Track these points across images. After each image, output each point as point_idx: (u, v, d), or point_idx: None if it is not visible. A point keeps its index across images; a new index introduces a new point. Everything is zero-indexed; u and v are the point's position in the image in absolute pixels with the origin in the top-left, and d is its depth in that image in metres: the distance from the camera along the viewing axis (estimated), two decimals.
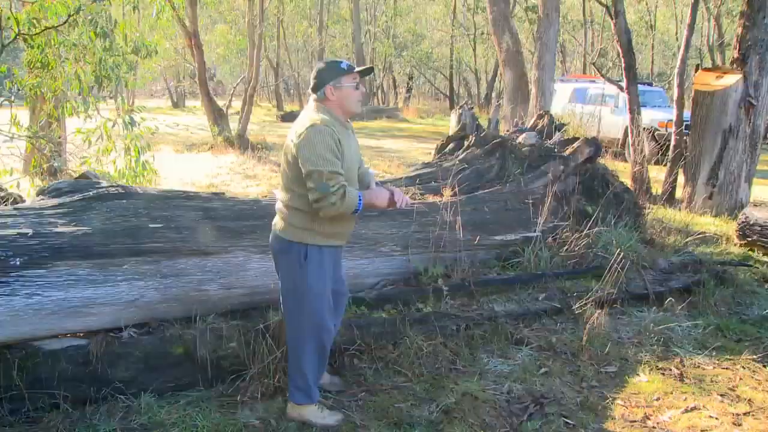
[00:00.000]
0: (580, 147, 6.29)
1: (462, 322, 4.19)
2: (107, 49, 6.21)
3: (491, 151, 6.33)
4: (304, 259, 2.99)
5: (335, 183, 2.82)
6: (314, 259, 3.01)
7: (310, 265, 3.00)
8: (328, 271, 3.08)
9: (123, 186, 3.90)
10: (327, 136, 2.86)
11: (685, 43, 9.65)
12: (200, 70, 15.88)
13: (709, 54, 24.71)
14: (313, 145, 2.84)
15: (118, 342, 3.37)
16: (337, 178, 2.83)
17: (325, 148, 2.84)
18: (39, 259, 3.18)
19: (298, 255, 3.00)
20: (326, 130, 2.87)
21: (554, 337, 4.20)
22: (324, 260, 3.04)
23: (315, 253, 3.01)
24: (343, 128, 3.02)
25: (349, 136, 3.09)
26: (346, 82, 3.01)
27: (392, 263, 4.73)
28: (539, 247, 5.34)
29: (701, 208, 8.32)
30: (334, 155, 2.86)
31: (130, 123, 5.90)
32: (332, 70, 3.02)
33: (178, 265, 3.63)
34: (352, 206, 2.88)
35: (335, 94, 3.00)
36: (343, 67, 3.02)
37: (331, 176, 2.82)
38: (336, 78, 2.99)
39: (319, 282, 3.04)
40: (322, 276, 3.04)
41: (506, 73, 13.78)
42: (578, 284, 5.04)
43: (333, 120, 2.96)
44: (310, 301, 3.04)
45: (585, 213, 5.86)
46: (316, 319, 3.07)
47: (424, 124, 24.86)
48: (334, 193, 2.81)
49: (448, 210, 5.03)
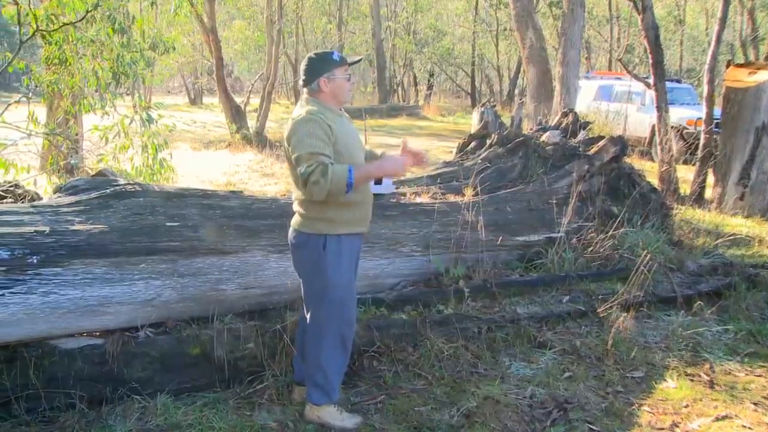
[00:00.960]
0: (605, 146, 6.24)
1: (483, 325, 4.17)
2: (125, 45, 6.28)
3: (514, 149, 6.30)
4: (323, 249, 3.00)
5: (312, 161, 2.80)
6: (332, 249, 3.01)
7: (328, 256, 3.00)
8: (348, 261, 3.08)
9: (140, 184, 3.93)
10: (312, 123, 2.89)
11: (716, 38, 9.51)
12: (218, 67, 15.97)
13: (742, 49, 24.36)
14: (298, 132, 2.90)
15: (134, 342, 3.40)
16: (314, 158, 2.81)
17: (307, 134, 2.87)
18: (56, 257, 3.20)
19: (317, 246, 3.01)
20: (312, 118, 2.91)
21: (578, 341, 4.16)
22: (343, 250, 3.04)
23: (333, 243, 3.01)
24: (335, 116, 3.05)
25: (344, 123, 3.12)
26: (339, 74, 3.06)
27: (412, 264, 4.72)
28: (563, 248, 5.30)
29: (732, 208, 8.20)
30: (318, 139, 2.86)
31: (147, 120, 5.95)
32: (325, 62, 3.06)
33: (195, 264, 3.65)
34: (340, 180, 2.80)
35: (329, 85, 3.05)
36: (335, 58, 3.07)
37: (309, 157, 2.82)
38: (329, 70, 3.04)
39: (339, 272, 3.03)
40: (341, 265, 3.04)
41: (529, 69, 13.69)
42: (603, 286, 4.99)
43: (323, 109, 3.00)
44: (330, 292, 3.03)
45: (610, 213, 5.81)
46: (337, 310, 3.07)
47: (444, 122, 24.79)
48: (312, 171, 2.78)
49: (469, 210, 5.01)
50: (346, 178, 2.81)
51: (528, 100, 13.73)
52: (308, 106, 3.02)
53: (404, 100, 33.79)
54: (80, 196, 3.66)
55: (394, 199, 5.07)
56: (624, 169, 6.41)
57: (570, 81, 12.60)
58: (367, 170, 2.99)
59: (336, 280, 3.03)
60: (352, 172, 2.84)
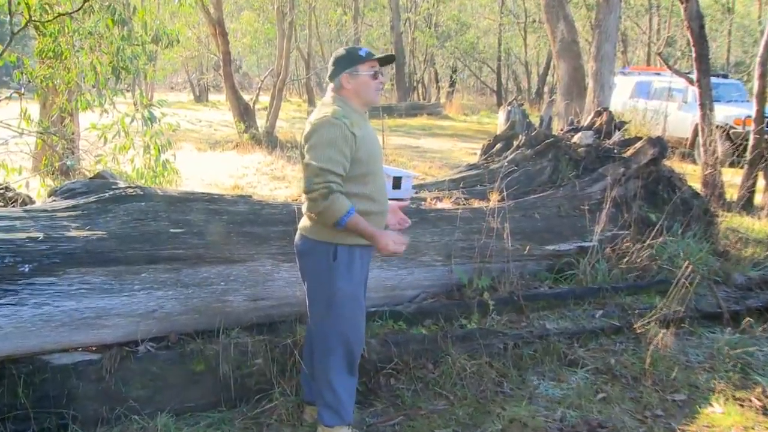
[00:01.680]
0: (643, 147, 6.20)
1: (510, 341, 4.16)
2: (125, 38, 6.31)
3: (543, 151, 6.28)
4: (333, 260, 3.00)
5: (321, 180, 2.84)
6: (343, 259, 3.01)
7: (340, 267, 3.00)
8: (358, 273, 3.08)
9: (141, 187, 3.96)
10: (337, 130, 2.89)
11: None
12: (225, 61, 16.08)
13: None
14: (319, 137, 2.91)
15: (133, 357, 3.41)
16: (325, 176, 2.84)
17: (328, 144, 2.87)
18: (49, 265, 3.22)
19: (326, 255, 3.01)
20: (338, 123, 2.91)
21: (613, 359, 4.13)
22: (354, 261, 3.04)
23: (344, 253, 3.01)
24: (361, 119, 3.07)
25: (368, 126, 3.13)
26: (363, 70, 3.06)
27: (433, 274, 4.72)
28: (596, 258, 5.28)
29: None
30: (338, 151, 2.87)
31: (149, 118, 5.97)
32: (349, 57, 3.07)
33: (200, 273, 3.66)
34: (336, 214, 2.85)
35: (351, 82, 3.05)
36: (361, 54, 3.07)
37: (320, 172, 2.84)
38: (352, 66, 3.05)
39: (350, 284, 3.03)
40: (352, 278, 3.04)
41: (560, 65, 13.63)
42: (640, 300, 4.98)
43: (349, 110, 3.01)
44: (339, 305, 3.04)
45: (648, 221, 5.77)
46: (345, 325, 3.07)
47: (468, 121, 24.77)
48: (316, 190, 2.83)
49: (495, 216, 5.00)
50: (342, 216, 2.86)
51: (558, 98, 13.66)
52: (334, 105, 3.02)
53: (425, 98, 33.78)
54: (77, 200, 3.69)
55: (413, 205, 5.07)
56: (663, 173, 6.37)
57: (604, 77, 12.52)
58: (364, 226, 2.94)
59: (346, 293, 3.03)
60: (350, 214, 2.87)
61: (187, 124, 19.18)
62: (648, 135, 7.03)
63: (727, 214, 7.39)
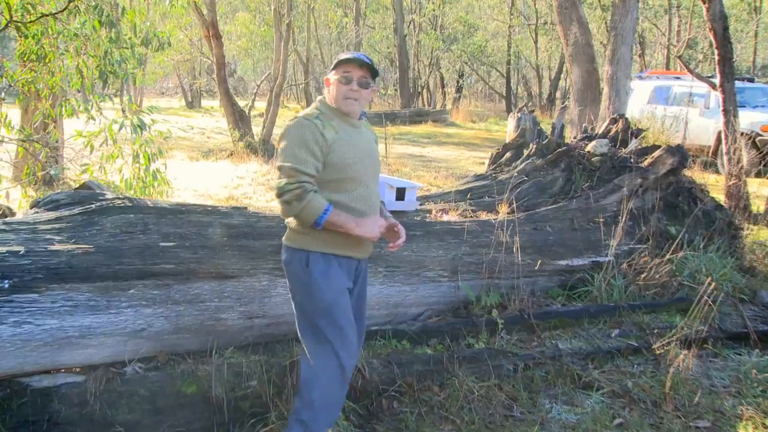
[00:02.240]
0: (661, 156, 6.21)
1: (520, 361, 4.16)
2: (114, 41, 6.32)
3: (555, 161, 6.30)
4: (306, 266, 3.02)
5: (293, 181, 2.89)
6: (318, 267, 3.03)
7: (314, 274, 3.02)
8: (338, 281, 3.07)
9: (130, 198, 3.97)
10: (306, 130, 2.98)
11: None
12: (219, 65, 16.15)
13: None
14: (287, 137, 3.00)
15: (120, 378, 3.41)
16: (297, 176, 2.90)
17: (298, 143, 2.95)
18: (31, 281, 3.23)
19: (300, 263, 3.04)
20: (307, 123, 3.00)
21: (630, 382, 4.12)
22: (331, 270, 3.05)
23: (319, 261, 3.03)
24: (343, 123, 3.11)
25: (357, 134, 3.16)
26: (335, 75, 3.12)
27: (439, 290, 4.72)
28: (612, 274, 5.27)
29: None
30: (307, 150, 2.94)
31: (139, 126, 5.98)
32: (334, 62, 3.16)
33: (192, 289, 3.67)
34: (312, 215, 2.90)
35: (330, 88, 3.15)
36: (342, 57, 3.14)
37: (292, 173, 2.90)
38: (333, 69, 3.14)
39: (329, 291, 3.03)
40: (330, 286, 3.04)
41: (573, 69, 13.67)
42: (659, 319, 4.97)
43: (329, 113, 3.10)
44: (320, 313, 3.03)
45: (667, 234, 5.77)
46: (332, 336, 3.04)
47: (476, 129, 24.83)
48: (289, 191, 2.88)
49: (504, 229, 5.01)
50: (319, 215, 2.91)
51: (571, 104, 13.69)
52: (314, 107, 3.14)
53: (430, 105, 33.85)
54: (61, 212, 3.70)
55: (418, 217, 5.08)
56: (683, 184, 6.37)
57: (620, 82, 12.55)
58: (345, 221, 2.98)
59: (328, 299, 3.03)
60: (328, 212, 2.92)
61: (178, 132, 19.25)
62: (667, 143, 7.03)
63: (753, 228, 7.36)
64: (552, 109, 27.41)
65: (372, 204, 3.17)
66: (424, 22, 32.64)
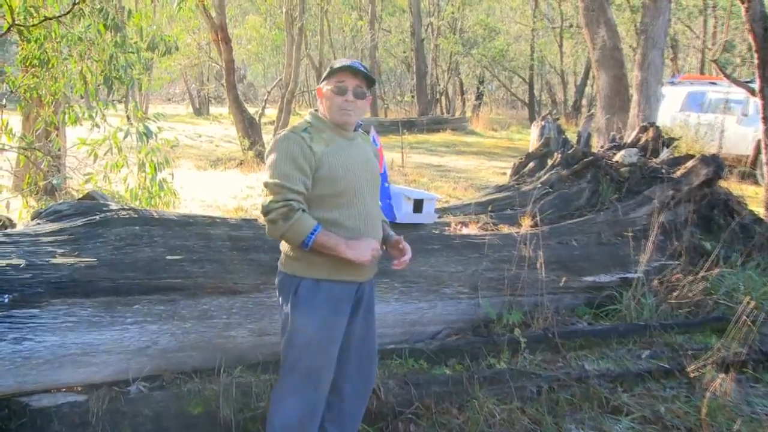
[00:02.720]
0: (695, 167, 6.18)
1: (544, 383, 4.13)
2: (119, 45, 6.37)
3: (581, 171, 6.28)
4: (294, 294, 2.99)
5: (279, 198, 2.86)
6: (304, 294, 2.98)
7: (298, 302, 2.98)
8: (325, 313, 3.00)
9: (135, 209, 4.00)
10: (293, 144, 2.95)
11: None
12: (228, 71, 16.25)
13: None
14: (273, 153, 2.97)
15: (124, 398, 3.43)
16: (283, 194, 2.87)
17: (284, 158, 2.92)
18: (32, 296, 3.25)
19: (290, 290, 3.01)
20: (294, 137, 2.97)
21: (663, 407, 4.09)
22: (318, 298, 2.98)
23: (308, 289, 2.98)
24: (336, 135, 3.07)
25: (351, 147, 3.11)
26: (327, 85, 3.09)
27: (458, 308, 4.72)
28: (642, 291, 5.25)
29: None
30: (294, 166, 2.91)
31: (145, 133, 6.01)
32: (328, 70, 3.13)
33: (199, 305, 3.69)
34: (299, 235, 2.87)
35: (323, 99, 3.12)
36: (336, 65, 3.10)
37: (278, 190, 2.87)
38: (325, 78, 3.11)
39: (311, 324, 2.97)
40: (313, 317, 2.97)
41: (601, 74, 13.65)
42: (693, 340, 4.93)
43: (319, 125, 3.07)
44: (297, 347, 3.00)
45: (702, 250, 5.74)
46: (302, 372, 3.00)
47: (497, 137, 24.81)
48: (275, 210, 2.85)
49: (527, 244, 5.00)
50: (306, 236, 2.86)
51: (598, 111, 13.66)
52: (305, 119, 3.13)
53: (448, 112, 33.91)
54: (63, 223, 3.73)
55: (436, 230, 5.08)
56: (719, 196, 6.34)
57: (651, 88, 12.51)
58: (335, 243, 2.91)
59: (307, 335, 2.97)
60: (316, 233, 2.87)
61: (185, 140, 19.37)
62: (701, 152, 7.00)
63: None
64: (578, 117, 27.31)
65: (370, 221, 3.09)
66: (443, 26, 32.70)
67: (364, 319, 3.20)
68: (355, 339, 3.15)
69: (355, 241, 2.96)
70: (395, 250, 3.23)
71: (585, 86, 31.65)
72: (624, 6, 24.91)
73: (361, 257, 2.95)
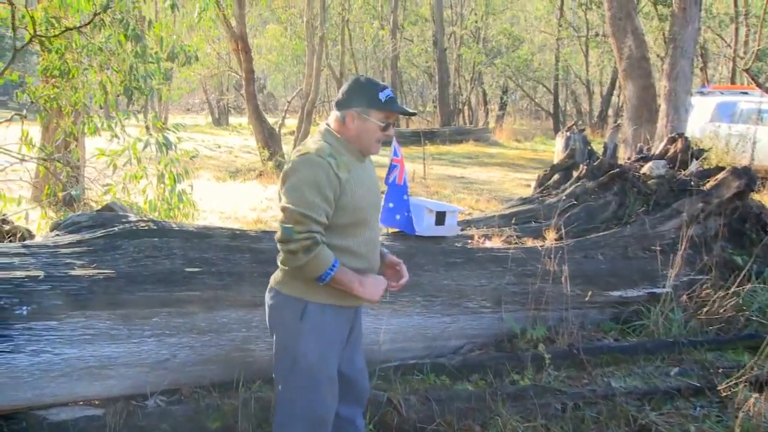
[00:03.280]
0: (726, 179, 6.14)
1: (569, 400, 4.11)
2: (139, 55, 6.43)
3: (607, 184, 6.26)
4: (300, 319, 2.93)
5: (303, 229, 2.77)
6: (312, 319, 2.93)
7: (306, 327, 2.93)
8: (331, 338, 2.99)
9: (155, 221, 4.03)
10: (320, 170, 2.82)
11: None
12: (247, 80, 16.35)
13: None
14: (297, 176, 2.85)
15: (141, 412, 3.45)
16: (307, 225, 2.78)
17: (309, 184, 2.80)
18: (50, 308, 3.28)
19: (294, 312, 2.94)
20: (321, 162, 2.84)
21: (693, 426, 4.05)
22: (326, 323, 2.96)
23: (315, 313, 2.93)
24: (354, 160, 2.98)
25: (364, 170, 3.05)
26: (375, 118, 2.97)
27: (481, 322, 4.71)
28: (670, 306, 5.21)
29: None
30: (319, 194, 2.80)
31: (164, 144, 6.06)
32: (367, 94, 2.98)
33: (218, 318, 3.71)
34: (318, 270, 2.81)
35: (355, 123, 2.97)
36: (381, 98, 2.97)
37: (301, 219, 2.77)
38: (365, 107, 2.97)
39: (317, 349, 2.94)
40: (321, 343, 2.95)
41: (628, 84, 13.61)
42: (724, 357, 4.89)
43: (340, 149, 2.94)
44: (301, 373, 2.95)
45: (733, 264, 5.70)
46: (309, 397, 2.96)
47: (521, 148, 24.80)
48: (297, 240, 2.76)
49: (551, 257, 4.99)
50: (324, 271, 2.81)
51: (625, 122, 13.61)
52: (324, 141, 2.97)
53: (471, 122, 33.91)
54: (82, 235, 3.76)
55: (459, 243, 5.08)
56: (751, 209, 6.28)
57: (679, 98, 12.46)
58: (350, 280, 2.89)
59: (314, 359, 2.94)
60: (335, 269, 2.82)
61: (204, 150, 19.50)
62: (732, 164, 6.95)
63: None
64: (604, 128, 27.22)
65: (374, 246, 3.09)
66: (466, 35, 32.76)
67: (354, 342, 3.19)
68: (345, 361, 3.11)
69: (366, 278, 2.95)
70: (391, 270, 3.21)
71: (611, 96, 31.56)
72: (652, 14, 24.81)
73: (373, 297, 2.96)
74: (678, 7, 12.50)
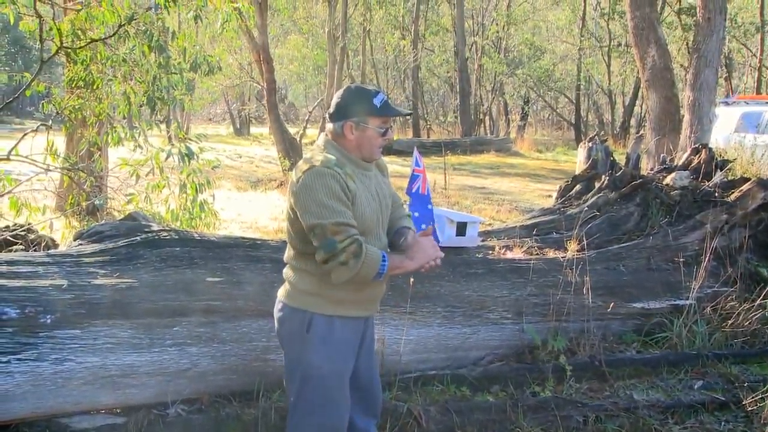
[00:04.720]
0: (750, 190, 6.09)
1: (590, 412, 4.09)
2: (162, 66, 6.48)
3: (630, 194, 6.23)
4: (307, 331, 2.91)
5: (344, 237, 2.73)
6: (319, 331, 2.91)
7: (314, 338, 2.91)
8: (341, 349, 2.97)
9: (177, 230, 4.07)
10: (330, 179, 2.79)
11: None
12: (269, 91, 16.45)
13: None
14: (313, 191, 2.79)
15: (162, 421, 3.47)
16: (345, 231, 2.74)
17: (328, 194, 2.77)
18: (73, 316, 3.32)
19: (300, 325, 2.93)
20: (330, 173, 2.80)
21: None
22: (333, 334, 2.93)
23: (321, 325, 2.91)
24: (357, 168, 2.96)
25: (368, 178, 3.02)
26: (373, 124, 2.96)
27: (501, 333, 4.70)
28: (693, 319, 5.18)
29: None
30: (341, 202, 2.78)
31: (186, 154, 6.10)
32: (360, 102, 2.95)
33: (239, 328, 3.73)
34: (373, 268, 2.78)
35: (354, 134, 2.95)
36: (375, 103, 2.95)
37: (337, 229, 2.73)
38: (362, 116, 2.94)
39: (327, 360, 2.92)
40: (329, 353, 2.93)
41: (650, 94, 13.55)
42: (750, 371, 4.84)
43: (343, 160, 2.92)
44: (312, 386, 2.94)
45: (758, 276, 5.66)
46: (321, 408, 2.95)
47: (542, 159, 24.74)
48: (343, 250, 2.72)
49: (573, 268, 4.97)
50: (379, 266, 2.79)
51: (648, 132, 13.54)
52: (325, 153, 2.93)
53: (492, 133, 33.91)
54: (105, 244, 3.80)
55: (479, 254, 5.07)
56: None
57: (703, 108, 12.37)
58: (400, 262, 2.90)
59: (324, 369, 2.92)
60: (386, 261, 2.81)
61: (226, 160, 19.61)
62: (757, 175, 6.90)
63: None
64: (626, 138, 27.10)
65: None
66: (487, 45, 32.81)
67: (367, 354, 3.18)
68: (357, 371, 3.10)
69: (412, 251, 2.95)
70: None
71: (634, 106, 31.43)
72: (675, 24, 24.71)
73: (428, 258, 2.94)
74: (702, 17, 12.42)
